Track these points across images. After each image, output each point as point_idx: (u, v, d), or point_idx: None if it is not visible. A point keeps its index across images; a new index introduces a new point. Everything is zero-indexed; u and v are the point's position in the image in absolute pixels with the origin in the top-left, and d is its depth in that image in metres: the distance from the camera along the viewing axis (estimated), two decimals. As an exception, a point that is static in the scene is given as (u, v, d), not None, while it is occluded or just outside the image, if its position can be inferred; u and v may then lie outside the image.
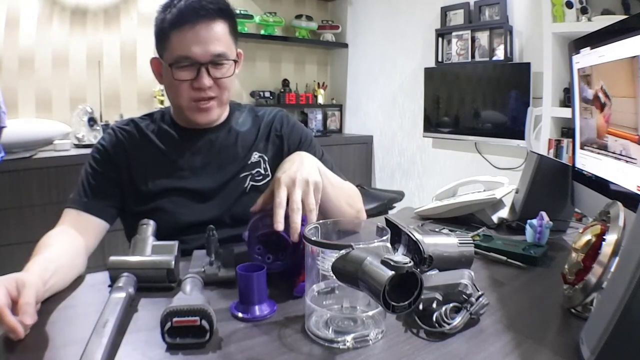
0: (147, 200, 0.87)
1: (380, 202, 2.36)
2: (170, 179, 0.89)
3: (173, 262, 0.66)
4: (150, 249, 0.69)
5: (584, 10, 1.85)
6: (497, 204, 1.04)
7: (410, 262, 0.43)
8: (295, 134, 0.97)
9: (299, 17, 3.09)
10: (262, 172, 0.93)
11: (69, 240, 0.75)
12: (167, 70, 0.83)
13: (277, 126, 0.97)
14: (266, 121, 0.97)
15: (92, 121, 2.27)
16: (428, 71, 2.64)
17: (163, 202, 0.87)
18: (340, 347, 0.51)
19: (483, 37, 2.37)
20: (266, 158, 0.94)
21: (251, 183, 0.92)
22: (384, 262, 0.44)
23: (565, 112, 1.94)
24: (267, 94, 2.98)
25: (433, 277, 0.60)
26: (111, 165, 0.88)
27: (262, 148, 0.95)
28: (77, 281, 0.70)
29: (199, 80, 0.82)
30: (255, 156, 0.94)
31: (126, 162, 0.88)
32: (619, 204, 0.57)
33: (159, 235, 0.75)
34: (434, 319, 0.54)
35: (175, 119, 0.93)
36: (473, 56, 2.43)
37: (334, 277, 0.49)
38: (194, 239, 0.83)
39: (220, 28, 0.83)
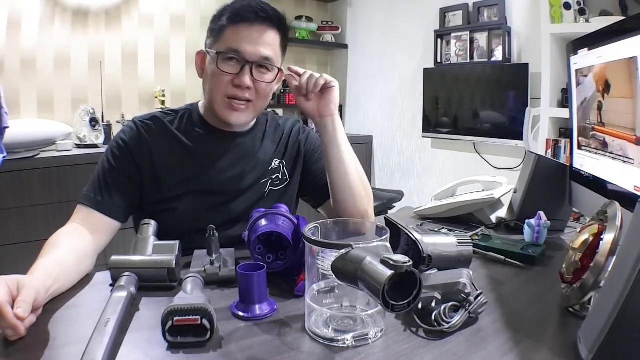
0: (167, 197, 0.86)
1: (380, 202, 2.36)
2: (194, 177, 0.87)
3: (174, 262, 0.66)
4: (152, 249, 0.70)
5: (582, 12, 1.86)
6: (495, 204, 1.04)
7: (409, 261, 0.44)
8: (309, 142, 1.01)
9: (299, 18, 3.09)
10: (281, 177, 0.96)
11: (77, 241, 0.74)
12: (212, 60, 0.83)
13: (295, 134, 1.00)
14: (286, 130, 1.00)
15: (93, 121, 2.27)
16: (427, 72, 2.65)
17: (183, 201, 0.86)
18: (340, 345, 0.51)
19: (482, 38, 2.38)
20: (285, 163, 0.97)
21: (270, 188, 0.94)
22: (384, 262, 0.44)
23: (563, 113, 1.94)
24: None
25: (432, 277, 0.60)
26: (131, 162, 0.85)
27: (282, 154, 0.97)
28: (80, 280, 0.70)
29: (240, 77, 0.82)
30: (275, 162, 0.96)
31: (149, 158, 0.86)
32: (617, 203, 0.57)
33: (174, 233, 0.75)
34: (433, 317, 0.55)
35: (205, 117, 0.92)
36: (472, 57, 2.43)
37: (334, 276, 0.49)
38: (201, 238, 0.83)
39: (273, 36, 0.85)
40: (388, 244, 0.51)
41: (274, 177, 0.94)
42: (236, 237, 0.82)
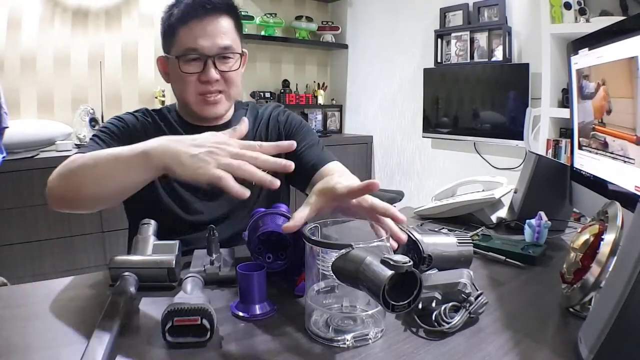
0: (156, 195, 0.87)
1: (380, 203, 2.36)
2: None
3: (174, 262, 0.66)
4: (151, 248, 0.70)
5: (582, 12, 1.86)
6: (496, 204, 1.04)
7: (409, 261, 0.44)
8: (290, 121, 0.98)
9: (299, 18, 3.09)
10: None
11: None
12: (174, 65, 0.84)
13: (273, 119, 0.97)
14: (264, 117, 0.98)
15: (93, 121, 2.27)
16: (427, 72, 2.65)
17: (170, 200, 0.87)
18: (340, 346, 0.51)
19: (482, 38, 2.38)
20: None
21: None
22: (384, 262, 0.44)
23: (564, 113, 1.94)
24: (268, 95, 2.99)
25: (432, 277, 0.60)
26: (127, 135, 0.86)
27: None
28: (78, 281, 0.70)
29: (206, 73, 0.82)
30: None
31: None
32: (617, 203, 0.57)
33: (164, 234, 0.75)
34: (433, 318, 0.54)
35: (181, 115, 0.93)
36: (472, 57, 2.43)
37: (334, 276, 0.49)
38: (199, 237, 0.84)
39: (226, 22, 0.84)
40: (388, 244, 0.51)
41: None
42: (227, 234, 0.81)
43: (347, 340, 0.51)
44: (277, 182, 0.57)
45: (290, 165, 0.59)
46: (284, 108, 1.02)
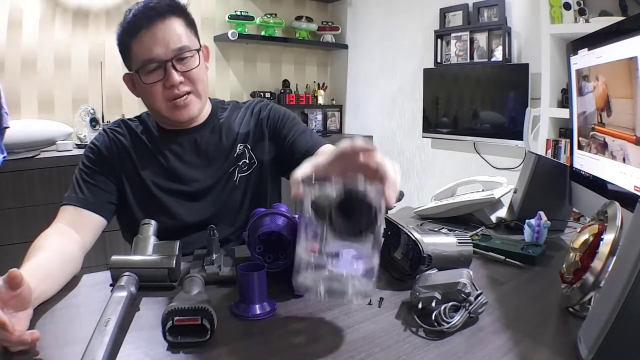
0: (143, 201, 0.88)
1: (380, 203, 2.36)
2: (163, 180, 0.89)
3: (174, 262, 0.66)
4: (152, 248, 0.70)
5: (581, 12, 1.86)
6: (495, 204, 1.04)
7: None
8: (273, 114, 0.97)
9: (299, 18, 3.09)
10: (247, 161, 0.94)
11: (63, 242, 0.74)
12: (137, 79, 0.85)
13: (256, 115, 0.97)
14: (247, 113, 0.97)
15: (94, 122, 2.27)
16: (427, 72, 2.65)
17: (158, 203, 0.88)
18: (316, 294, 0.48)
19: (482, 39, 2.38)
20: (249, 147, 0.94)
21: (239, 175, 0.93)
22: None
23: (563, 113, 1.94)
24: (268, 95, 2.99)
25: (432, 277, 0.60)
26: (106, 165, 0.87)
27: (245, 138, 0.95)
28: (79, 281, 0.70)
29: (168, 79, 0.82)
30: (239, 148, 0.94)
31: (120, 163, 0.88)
32: (617, 203, 0.57)
33: (163, 235, 0.75)
34: (433, 317, 0.55)
35: (158, 122, 0.93)
36: (472, 57, 2.43)
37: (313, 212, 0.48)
38: (191, 240, 0.84)
39: (174, 24, 0.84)
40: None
41: (240, 163, 0.93)
42: (224, 234, 0.81)
43: (322, 290, 0.48)
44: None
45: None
46: (266, 102, 1.00)
